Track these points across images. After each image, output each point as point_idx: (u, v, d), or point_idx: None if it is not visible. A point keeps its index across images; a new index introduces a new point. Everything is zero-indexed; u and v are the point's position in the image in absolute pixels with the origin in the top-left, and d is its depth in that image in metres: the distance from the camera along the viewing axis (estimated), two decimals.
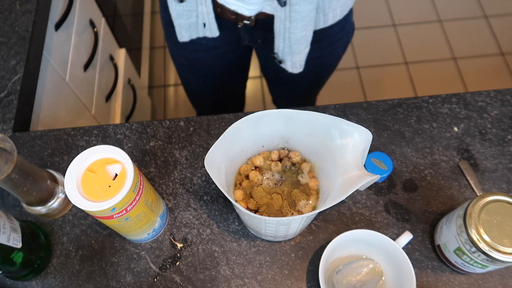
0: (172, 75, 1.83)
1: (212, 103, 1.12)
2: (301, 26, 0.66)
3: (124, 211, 0.47)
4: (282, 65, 0.77)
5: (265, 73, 1.02)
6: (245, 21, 0.72)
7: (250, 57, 0.99)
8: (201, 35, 0.77)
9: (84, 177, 0.46)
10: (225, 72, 0.95)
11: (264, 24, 0.72)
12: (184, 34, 0.76)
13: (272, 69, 0.94)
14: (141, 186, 0.48)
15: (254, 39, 0.80)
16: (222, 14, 0.73)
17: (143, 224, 0.53)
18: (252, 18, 0.71)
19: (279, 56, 0.76)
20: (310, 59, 0.77)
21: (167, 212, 0.61)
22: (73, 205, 0.57)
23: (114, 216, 0.46)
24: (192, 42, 0.80)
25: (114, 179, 0.46)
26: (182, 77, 1.03)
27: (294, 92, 1.02)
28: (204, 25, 0.74)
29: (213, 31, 0.75)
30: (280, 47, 0.73)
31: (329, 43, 0.81)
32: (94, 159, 0.47)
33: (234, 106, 1.21)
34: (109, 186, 0.45)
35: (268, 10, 0.70)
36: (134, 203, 0.47)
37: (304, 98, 1.11)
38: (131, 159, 0.47)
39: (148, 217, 0.53)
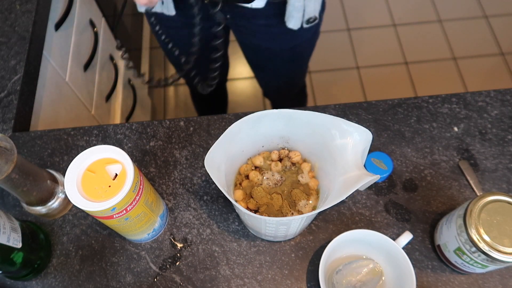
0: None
1: (191, 69, 1.13)
2: None
3: (124, 211, 0.47)
4: (316, 21, 0.80)
5: (245, 54, 1.03)
6: None
7: (227, 34, 1.00)
8: (158, 10, 0.78)
9: (84, 177, 0.46)
10: (201, 47, 0.96)
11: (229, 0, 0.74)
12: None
13: (250, 48, 0.95)
14: (141, 186, 0.48)
15: (223, 15, 0.81)
16: None
17: (143, 224, 0.53)
18: None
19: (313, 17, 0.78)
20: (282, 33, 0.79)
21: (167, 212, 0.61)
22: (73, 205, 0.57)
23: (114, 216, 0.46)
24: (168, 19, 0.82)
25: (114, 179, 0.46)
26: (160, 45, 1.03)
27: (277, 74, 1.03)
28: (162, 2, 0.75)
29: (169, 9, 0.77)
30: (312, 8, 0.76)
31: None
32: (94, 159, 0.47)
33: (218, 78, 1.22)
34: (109, 186, 0.45)
35: None
36: (134, 203, 0.47)
37: (291, 84, 1.11)
38: (131, 159, 0.47)
39: (148, 217, 0.53)
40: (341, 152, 0.49)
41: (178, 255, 0.58)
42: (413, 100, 0.69)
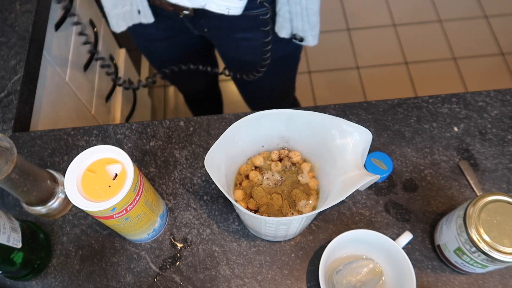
0: None
1: (182, 79, 1.13)
2: (316, 0, 0.70)
3: (124, 211, 0.47)
4: (304, 43, 0.79)
5: (226, 63, 1.00)
6: (185, 11, 0.74)
7: (209, 42, 0.99)
8: (136, 21, 0.78)
9: (84, 177, 0.46)
10: (184, 58, 0.94)
11: (204, 13, 0.73)
12: (121, 24, 0.78)
13: (231, 61, 0.94)
14: (141, 186, 0.48)
15: (199, 28, 0.82)
16: (161, 5, 0.74)
17: (143, 224, 0.53)
18: (191, 8, 0.72)
19: (299, 35, 0.77)
20: (261, 46, 0.77)
21: (167, 212, 0.61)
22: (73, 205, 0.57)
23: (114, 216, 0.46)
24: (144, 32, 0.82)
25: (114, 179, 0.46)
26: (146, 57, 1.04)
27: (261, 88, 1.01)
28: (139, 12, 0.75)
29: (148, 17, 0.77)
30: (300, 25, 0.75)
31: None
32: (94, 159, 0.47)
33: (207, 81, 1.23)
34: (109, 186, 0.45)
35: (213, 8, 0.70)
36: (134, 203, 0.47)
37: (277, 97, 1.09)
38: (131, 159, 0.47)
39: (148, 217, 0.53)
40: (341, 152, 0.49)
41: (178, 255, 0.58)
42: (413, 100, 0.69)
